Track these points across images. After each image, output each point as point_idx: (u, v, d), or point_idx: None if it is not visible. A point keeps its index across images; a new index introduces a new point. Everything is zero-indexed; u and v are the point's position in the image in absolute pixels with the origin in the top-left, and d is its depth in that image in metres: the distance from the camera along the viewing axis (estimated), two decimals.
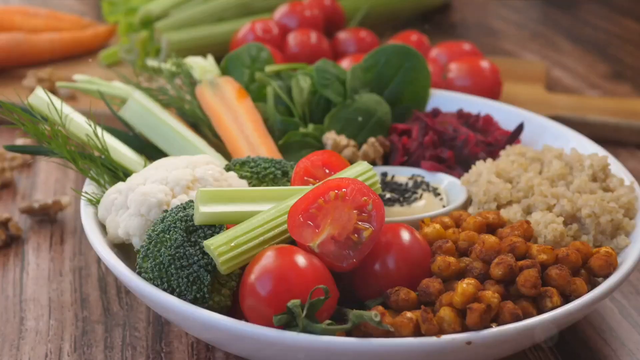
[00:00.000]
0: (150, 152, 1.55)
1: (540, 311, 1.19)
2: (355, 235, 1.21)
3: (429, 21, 2.56)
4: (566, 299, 1.21)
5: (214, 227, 1.25)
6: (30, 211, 1.63)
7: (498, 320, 1.16)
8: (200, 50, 1.97)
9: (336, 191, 1.24)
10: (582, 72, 2.30)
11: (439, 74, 1.92)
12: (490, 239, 1.23)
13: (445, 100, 1.73)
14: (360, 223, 1.21)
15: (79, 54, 2.25)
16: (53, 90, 2.00)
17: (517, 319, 1.16)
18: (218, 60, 1.76)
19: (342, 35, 2.12)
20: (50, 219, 1.64)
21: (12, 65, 2.15)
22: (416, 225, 1.33)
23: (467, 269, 1.22)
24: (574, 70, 2.31)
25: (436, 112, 1.68)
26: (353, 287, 1.25)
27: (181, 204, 1.28)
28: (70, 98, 2.01)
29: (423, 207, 1.45)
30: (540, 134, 1.64)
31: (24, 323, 1.37)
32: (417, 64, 1.70)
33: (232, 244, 1.20)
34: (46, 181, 1.78)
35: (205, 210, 1.23)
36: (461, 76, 1.92)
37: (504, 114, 1.69)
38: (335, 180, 1.25)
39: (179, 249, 1.22)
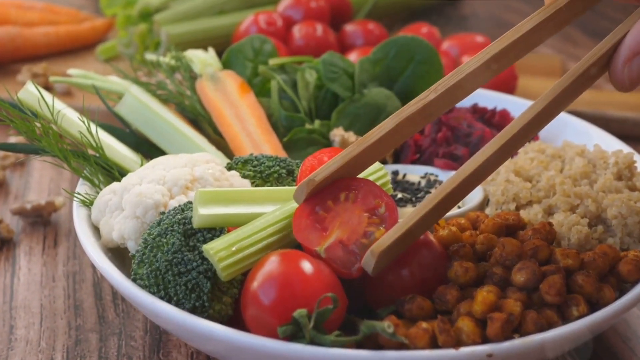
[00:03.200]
0: (148, 149, 1.49)
1: (566, 320, 1.12)
2: (365, 239, 1.13)
3: (439, 13, 2.51)
4: (593, 307, 1.15)
5: (214, 230, 1.18)
6: (22, 212, 1.56)
7: (520, 330, 1.09)
8: (201, 43, 1.91)
9: (346, 192, 1.16)
10: None
11: (451, 67, 1.86)
12: (510, 242, 1.16)
13: None
14: (371, 226, 1.14)
15: (75, 48, 2.19)
16: (48, 86, 1.93)
17: (541, 329, 1.09)
18: (220, 54, 1.69)
19: (350, 27, 2.06)
20: (43, 220, 1.58)
21: (6, 60, 2.09)
22: (430, 227, 1.25)
23: (487, 275, 1.15)
24: None
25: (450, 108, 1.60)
26: (364, 294, 1.18)
27: (179, 205, 1.22)
28: (66, 94, 1.94)
29: None
30: (559, 129, 1.59)
31: (14, 332, 1.31)
32: (429, 57, 1.64)
33: (234, 249, 1.13)
34: (40, 181, 1.71)
35: (204, 213, 1.16)
36: None
37: (521, 109, 1.57)
38: (345, 181, 1.18)
39: (176, 254, 1.15)
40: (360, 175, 1.22)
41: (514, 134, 1.17)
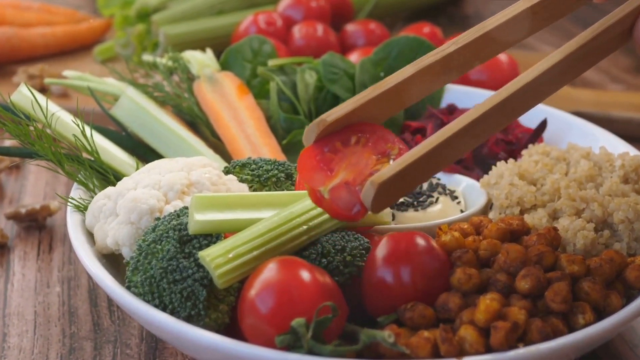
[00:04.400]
0: (144, 153, 1.46)
1: (572, 329, 1.09)
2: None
3: (442, 13, 2.47)
4: (599, 315, 1.12)
5: (211, 236, 1.15)
6: (16, 217, 1.53)
7: (525, 339, 1.06)
8: (199, 44, 1.88)
9: (357, 136, 1.12)
10: (604, 65, 2.21)
11: None
12: (514, 248, 1.13)
13: (461, 96, 1.64)
14: (379, 166, 1.10)
15: (73, 49, 2.16)
16: (44, 88, 1.91)
17: (547, 338, 1.06)
18: (219, 55, 1.67)
19: (351, 27, 2.03)
20: (38, 225, 1.55)
21: (2, 61, 2.06)
22: (432, 232, 1.23)
23: (490, 282, 1.12)
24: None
25: (452, 109, 1.59)
26: (364, 301, 1.15)
27: (175, 211, 1.19)
28: (63, 95, 1.91)
29: (439, 212, 1.36)
30: (564, 131, 1.56)
31: (7, 340, 1.28)
32: None
33: (230, 255, 1.10)
34: (36, 184, 1.69)
35: (200, 218, 1.13)
36: (477, 69, 1.82)
37: None
38: (357, 125, 1.13)
39: (171, 261, 1.12)
40: None
41: (544, 70, 1.09)
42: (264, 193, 1.20)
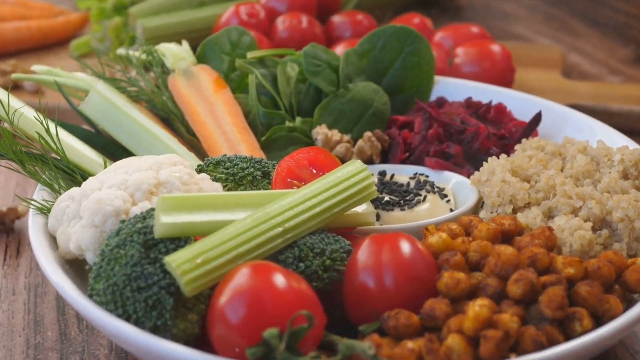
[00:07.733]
0: (115, 151, 1.41)
1: (568, 337, 1.05)
2: None
3: (433, 4, 2.43)
4: (598, 321, 1.08)
5: (178, 240, 1.09)
6: None
7: (518, 349, 1.02)
8: (179, 37, 1.83)
9: None
10: (601, 56, 2.20)
11: (444, 60, 1.79)
12: (506, 250, 1.09)
13: (451, 88, 1.60)
14: None
15: (49, 44, 2.13)
16: (17, 84, 1.84)
17: (541, 347, 1.02)
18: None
19: (337, 19, 2.00)
20: (5, 228, 1.49)
21: None
22: (419, 233, 1.19)
23: (480, 286, 1.08)
24: (592, 55, 2.20)
25: (441, 102, 1.55)
26: (345, 309, 1.10)
27: (141, 213, 1.12)
28: (36, 92, 1.85)
29: (427, 211, 1.31)
30: (560, 124, 1.52)
31: None
32: (420, 48, 1.56)
33: (199, 261, 1.04)
34: (5, 185, 1.63)
35: (167, 221, 1.07)
36: (469, 61, 1.79)
37: (518, 103, 1.57)
38: None
39: (135, 268, 1.06)
40: (341, 178, 1.14)
41: None
42: (238, 193, 1.15)
